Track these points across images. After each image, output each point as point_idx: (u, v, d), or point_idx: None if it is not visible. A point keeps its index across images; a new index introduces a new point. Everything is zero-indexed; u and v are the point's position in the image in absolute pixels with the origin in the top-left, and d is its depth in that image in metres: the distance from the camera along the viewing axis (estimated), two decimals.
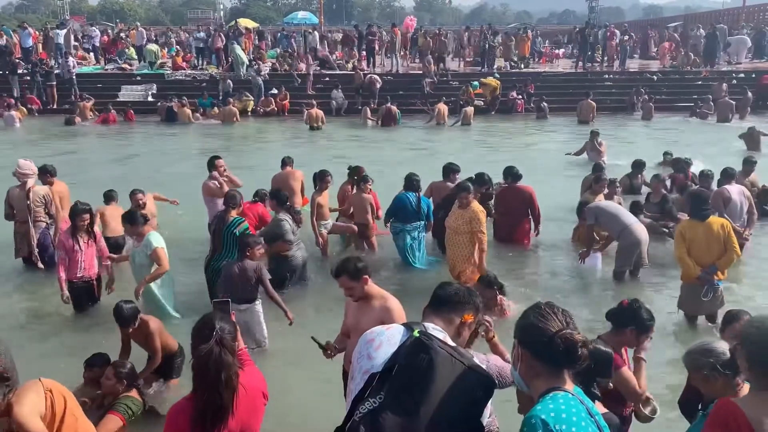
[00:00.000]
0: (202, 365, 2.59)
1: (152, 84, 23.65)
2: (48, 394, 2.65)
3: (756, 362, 2.32)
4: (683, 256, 5.94)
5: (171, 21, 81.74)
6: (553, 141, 17.31)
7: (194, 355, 2.64)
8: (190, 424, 2.61)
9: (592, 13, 30.72)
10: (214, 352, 2.58)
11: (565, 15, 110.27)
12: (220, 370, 2.58)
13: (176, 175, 12.74)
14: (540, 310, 2.06)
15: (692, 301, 6.11)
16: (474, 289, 2.67)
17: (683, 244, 5.94)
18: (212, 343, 2.60)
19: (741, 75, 24.59)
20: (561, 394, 1.96)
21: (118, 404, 4.30)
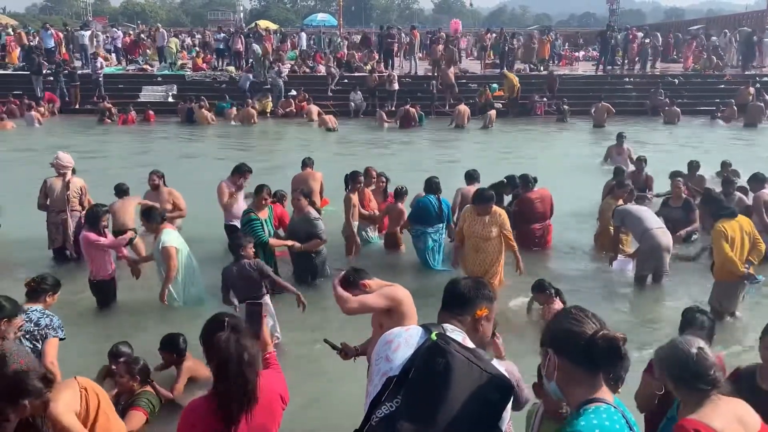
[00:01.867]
0: (223, 352, 2.58)
1: (173, 85, 23.87)
2: (83, 392, 2.70)
3: (676, 379, 2.55)
4: (729, 254, 5.97)
5: (191, 22, 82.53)
6: (574, 144, 17.19)
7: (211, 346, 2.63)
8: (212, 417, 2.59)
9: (613, 16, 30.48)
10: (231, 338, 2.60)
11: (585, 17, 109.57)
12: (241, 353, 2.59)
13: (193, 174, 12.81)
14: (572, 315, 2.02)
15: (730, 299, 6.22)
16: (484, 281, 2.62)
17: (726, 243, 5.98)
18: (227, 331, 2.63)
19: (765, 79, 24.26)
20: (603, 408, 1.92)
21: (138, 400, 4.34)
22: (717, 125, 20.33)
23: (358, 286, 3.95)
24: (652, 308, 6.87)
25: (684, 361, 2.55)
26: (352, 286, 3.96)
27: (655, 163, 11.37)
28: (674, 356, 2.58)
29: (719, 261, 6.13)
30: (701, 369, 2.50)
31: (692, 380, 2.51)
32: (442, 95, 22.45)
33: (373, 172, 9.14)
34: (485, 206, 6.64)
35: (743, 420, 2.48)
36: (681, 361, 2.56)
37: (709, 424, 2.36)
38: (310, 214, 7.29)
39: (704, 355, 2.55)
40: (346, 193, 8.19)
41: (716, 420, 2.39)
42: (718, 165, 10.99)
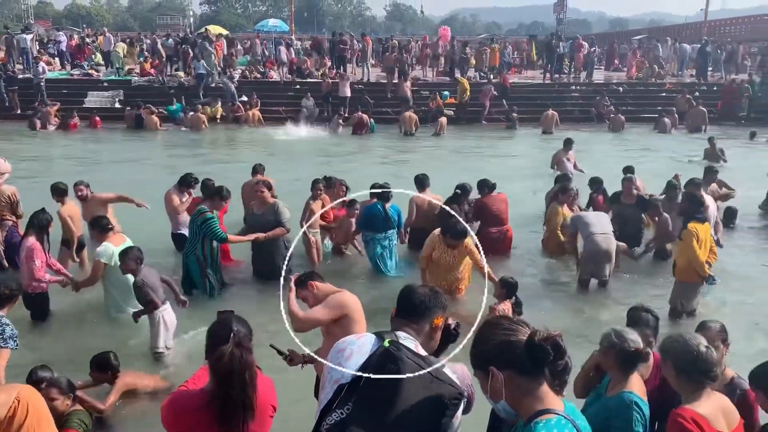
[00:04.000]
0: (226, 368, 2.58)
1: (119, 90, 23.32)
2: (15, 403, 2.63)
3: (681, 370, 2.80)
4: (700, 256, 6.19)
5: (140, 27, 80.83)
6: (520, 150, 17.52)
7: (214, 357, 2.62)
8: (205, 416, 2.60)
9: (559, 25, 31.20)
10: (235, 355, 2.60)
11: (533, 26, 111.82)
12: (244, 370, 2.60)
13: (139, 181, 12.53)
14: (503, 326, 2.00)
15: (690, 298, 6.45)
16: (439, 290, 2.65)
17: (698, 245, 6.19)
18: (231, 344, 2.62)
19: (703, 87, 25.23)
20: (554, 421, 1.90)
21: (70, 421, 4.19)
22: (661, 132, 21.00)
23: (307, 287, 4.03)
24: (599, 310, 7.00)
25: (694, 356, 2.78)
26: (302, 286, 4.05)
27: (603, 169, 11.66)
28: (684, 350, 2.80)
29: (685, 261, 6.30)
30: (708, 365, 2.75)
31: (698, 374, 2.75)
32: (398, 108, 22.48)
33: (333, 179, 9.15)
34: (457, 242, 6.53)
35: (727, 412, 2.75)
36: (691, 355, 2.78)
37: (700, 412, 2.65)
38: (277, 204, 7.35)
39: (710, 354, 2.80)
40: (307, 201, 8.14)
41: (704, 408, 2.68)
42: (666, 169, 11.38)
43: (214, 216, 6.97)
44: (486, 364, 1.97)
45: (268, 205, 7.36)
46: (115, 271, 6.12)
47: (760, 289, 7.57)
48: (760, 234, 9.79)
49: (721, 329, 3.52)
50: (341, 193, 8.87)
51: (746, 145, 18.44)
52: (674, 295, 6.54)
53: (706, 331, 3.51)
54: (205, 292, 7.09)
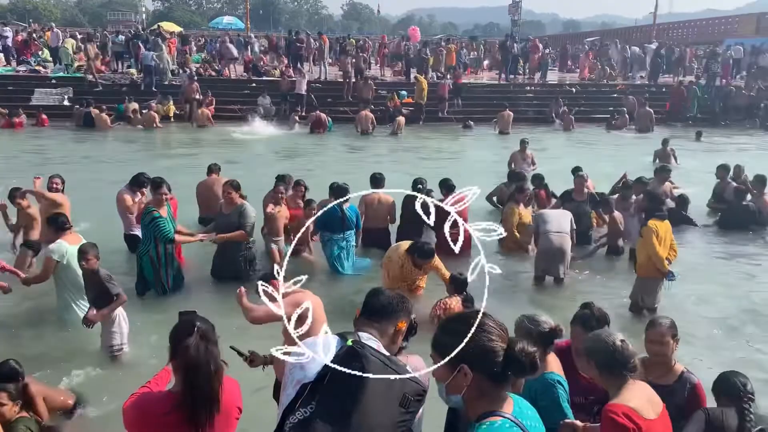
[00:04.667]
0: (192, 360, 2.57)
1: (68, 88, 22.63)
2: None
3: (603, 367, 2.88)
4: (660, 253, 6.32)
5: (89, 23, 78.65)
6: (478, 150, 17.71)
7: (180, 351, 2.60)
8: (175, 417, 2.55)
9: (514, 27, 31.67)
10: (201, 346, 2.59)
11: (489, 27, 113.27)
12: (209, 361, 2.59)
13: (90, 181, 12.21)
14: (485, 328, 1.99)
15: (651, 293, 6.54)
16: (405, 296, 2.68)
17: (657, 241, 6.32)
18: (196, 337, 2.61)
19: (653, 89, 25.95)
20: (498, 424, 1.93)
21: (16, 428, 4.06)
22: (615, 132, 21.51)
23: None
24: (552, 306, 6.99)
25: (611, 351, 2.84)
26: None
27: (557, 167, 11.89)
28: (602, 348, 2.88)
29: (645, 257, 6.44)
30: (626, 358, 2.83)
31: (618, 368, 2.82)
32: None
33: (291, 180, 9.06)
34: (425, 262, 6.50)
35: (651, 400, 2.84)
36: (608, 352, 2.85)
37: (630, 405, 2.72)
38: (244, 206, 7.27)
39: (626, 346, 2.87)
40: (267, 204, 8.02)
41: (632, 401, 2.75)
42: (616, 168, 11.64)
43: (160, 215, 6.82)
44: (459, 361, 1.97)
45: (234, 206, 7.27)
46: (68, 271, 5.98)
47: (714, 283, 7.83)
48: (709, 231, 10.11)
49: (671, 325, 3.60)
50: (299, 193, 8.81)
51: (693, 145, 19.03)
52: (635, 290, 6.68)
53: (657, 327, 3.59)
54: (159, 293, 6.97)
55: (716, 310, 7.05)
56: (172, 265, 7.04)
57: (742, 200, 10.10)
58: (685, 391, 3.50)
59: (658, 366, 3.59)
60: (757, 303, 7.27)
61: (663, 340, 3.54)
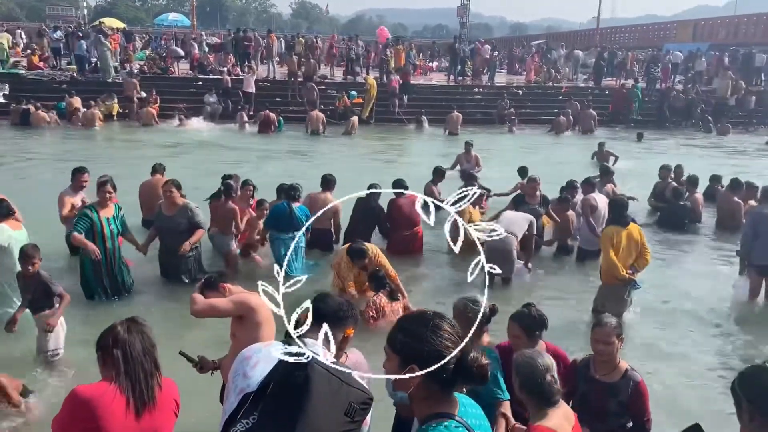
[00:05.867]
0: (124, 340, 2.58)
1: (4, 84, 21.68)
2: None
3: (525, 391, 2.92)
4: (613, 259, 6.24)
5: (27, 17, 75.75)
6: (427, 151, 17.82)
7: (113, 340, 2.59)
8: (117, 405, 2.51)
9: (462, 29, 32.00)
10: (131, 327, 2.62)
11: (438, 29, 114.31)
12: (142, 339, 2.62)
13: (28, 181, 11.76)
14: (440, 332, 1.95)
15: (615, 301, 6.35)
16: (353, 302, 2.66)
17: (611, 247, 6.27)
18: (123, 324, 2.63)
19: (596, 91, 26.64)
20: (444, 425, 1.92)
21: None
22: (556, 133, 21.96)
23: (218, 289, 3.93)
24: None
25: (538, 384, 2.89)
26: (212, 287, 3.94)
27: (504, 168, 12.05)
28: (530, 376, 2.91)
29: (605, 264, 6.45)
30: (550, 396, 2.89)
31: (541, 400, 2.89)
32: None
33: (238, 179, 8.97)
34: (357, 262, 6.59)
35: (566, 414, 2.90)
36: (535, 384, 2.90)
37: (549, 426, 2.79)
38: (189, 204, 7.13)
39: (553, 383, 2.93)
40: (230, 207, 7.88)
41: (552, 421, 2.82)
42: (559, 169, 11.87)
43: (88, 214, 6.58)
44: (411, 360, 1.93)
45: (179, 207, 7.08)
46: (8, 257, 5.89)
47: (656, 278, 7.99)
48: (650, 230, 10.40)
49: (617, 325, 3.68)
50: (248, 193, 8.68)
51: (634, 146, 19.62)
52: (597, 296, 6.64)
53: (602, 327, 3.66)
54: (102, 297, 6.74)
55: (660, 307, 7.25)
56: (113, 266, 6.79)
57: (680, 199, 10.44)
58: (629, 388, 3.59)
59: (603, 364, 3.68)
60: (695, 298, 7.54)
61: (608, 340, 3.62)
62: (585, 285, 7.66)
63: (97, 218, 6.57)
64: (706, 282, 8.14)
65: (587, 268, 8.30)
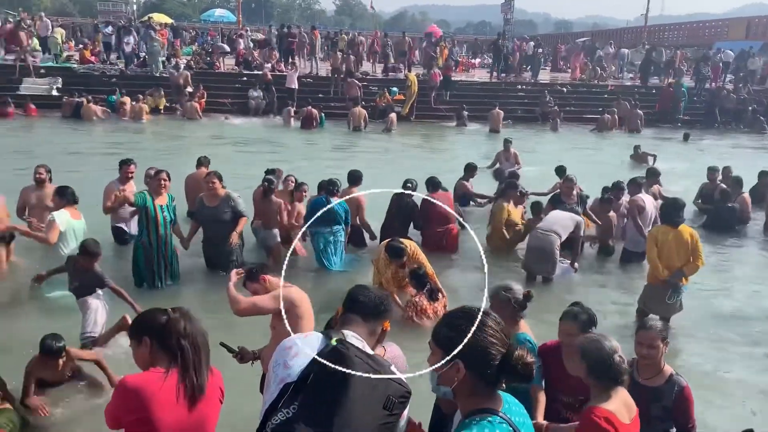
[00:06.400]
0: (183, 330, 2.54)
1: (57, 78, 22.39)
2: None
3: (592, 373, 2.99)
4: (654, 259, 6.11)
5: (80, 13, 77.91)
6: (467, 148, 17.70)
7: (168, 329, 2.54)
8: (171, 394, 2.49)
9: (506, 25, 31.64)
10: (186, 317, 2.58)
11: (481, 26, 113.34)
12: (197, 334, 2.58)
13: (79, 171, 12.08)
14: (487, 330, 1.97)
15: (656, 301, 6.22)
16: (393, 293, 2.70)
17: (655, 248, 6.12)
18: (175, 313, 2.58)
19: (642, 90, 26.05)
20: (488, 421, 1.93)
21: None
22: (601, 132, 21.58)
23: (259, 281, 3.97)
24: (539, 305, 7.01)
25: (607, 365, 2.96)
26: (253, 279, 3.98)
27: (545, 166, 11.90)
28: (598, 356, 2.98)
29: (649, 264, 6.35)
30: (619, 375, 2.96)
31: (608, 380, 2.95)
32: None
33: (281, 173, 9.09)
34: (395, 261, 6.57)
35: (628, 404, 2.95)
36: (604, 364, 2.96)
37: (610, 409, 2.86)
38: (231, 194, 7.26)
39: (622, 362, 2.98)
40: (270, 199, 7.94)
41: (612, 405, 2.89)
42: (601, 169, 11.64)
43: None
44: (456, 355, 1.96)
45: (221, 197, 7.20)
46: (61, 241, 6.27)
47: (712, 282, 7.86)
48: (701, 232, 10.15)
49: (662, 328, 3.60)
50: (289, 187, 8.77)
51: (680, 147, 19.16)
52: (641, 295, 6.51)
53: (647, 330, 3.59)
54: (151, 286, 6.90)
55: (712, 311, 7.07)
56: (165, 253, 6.95)
57: (727, 201, 10.16)
58: (673, 393, 3.51)
59: (647, 368, 3.60)
60: (746, 304, 7.33)
61: (653, 343, 3.53)
62: (629, 287, 7.53)
63: (152, 205, 6.74)
64: (759, 287, 7.90)
65: (632, 270, 8.15)
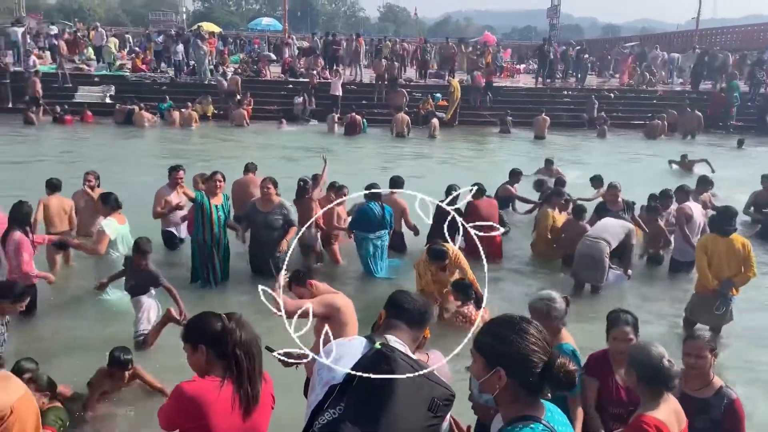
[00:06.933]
0: (241, 341, 2.60)
1: (110, 86, 23.18)
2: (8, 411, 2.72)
3: (642, 380, 3.00)
4: (704, 267, 5.97)
5: (131, 22, 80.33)
6: (511, 154, 17.57)
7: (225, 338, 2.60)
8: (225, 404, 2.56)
9: (552, 30, 31.35)
10: (244, 326, 2.64)
11: (526, 31, 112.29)
12: (255, 341, 2.66)
13: (130, 176, 12.45)
14: (527, 336, 1.97)
15: (704, 311, 6.10)
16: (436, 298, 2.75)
17: (705, 256, 5.98)
18: (232, 322, 2.64)
19: (693, 95, 25.40)
20: (530, 428, 1.93)
21: (45, 418, 4.16)
22: (650, 138, 21.11)
23: (305, 285, 4.03)
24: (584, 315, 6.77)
25: (657, 369, 2.96)
26: (300, 283, 4.04)
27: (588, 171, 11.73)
28: (648, 363, 2.99)
29: (698, 272, 6.21)
30: (669, 379, 2.96)
31: (658, 385, 2.96)
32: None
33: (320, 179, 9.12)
34: (435, 264, 6.53)
35: (678, 414, 2.95)
36: (654, 369, 2.96)
37: (660, 418, 2.87)
38: (285, 202, 7.41)
39: (672, 366, 2.98)
40: (306, 199, 8.03)
41: (662, 413, 2.89)
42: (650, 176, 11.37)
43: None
44: (497, 363, 1.98)
45: (275, 204, 7.35)
46: (111, 249, 6.44)
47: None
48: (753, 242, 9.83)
49: (710, 338, 3.54)
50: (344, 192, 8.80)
51: (733, 153, 18.61)
52: (688, 304, 6.38)
53: (695, 340, 3.53)
54: (205, 283, 7.14)
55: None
56: (219, 252, 7.19)
57: None
58: (722, 406, 3.43)
59: (694, 379, 3.53)
60: None
61: (700, 353, 3.47)
62: (677, 297, 7.34)
63: (208, 204, 7.01)
64: None
65: (680, 280, 7.96)
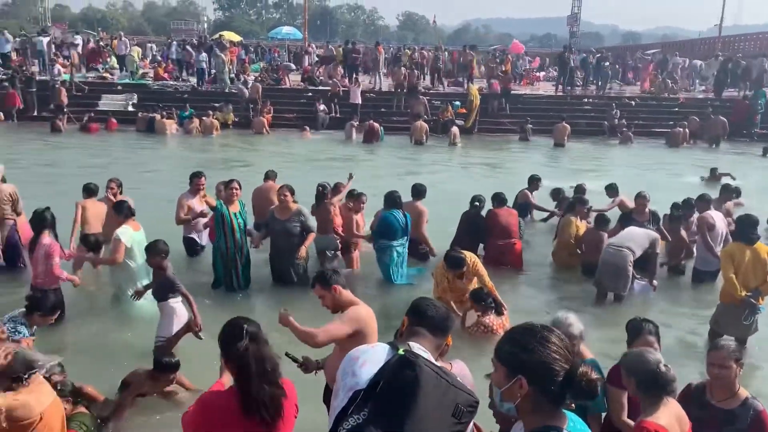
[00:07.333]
0: (243, 362, 2.72)
1: (133, 94, 23.52)
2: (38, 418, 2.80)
3: (641, 386, 3.06)
4: (731, 277, 5.85)
5: (154, 31, 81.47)
6: (531, 163, 17.49)
7: (232, 356, 2.75)
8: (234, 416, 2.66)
9: (572, 38, 31.23)
10: (250, 348, 2.73)
11: (546, 38, 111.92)
12: (262, 360, 2.73)
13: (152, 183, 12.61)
14: (548, 345, 1.96)
15: (731, 322, 5.97)
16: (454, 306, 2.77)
17: (731, 266, 5.87)
18: (246, 339, 2.75)
19: (716, 103, 25.10)
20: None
21: (71, 423, 4.19)
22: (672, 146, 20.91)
23: (330, 289, 3.97)
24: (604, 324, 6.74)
25: (654, 374, 3.00)
26: (325, 285, 3.98)
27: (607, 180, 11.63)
28: (644, 369, 3.03)
29: (724, 282, 6.11)
30: (667, 383, 3.00)
31: (657, 390, 2.99)
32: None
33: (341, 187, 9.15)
34: (452, 271, 6.53)
35: (680, 419, 2.96)
36: (651, 374, 3.00)
37: (661, 423, 2.88)
38: (302, 209, 7.45)
39: (668, 371, 3.01)
40: (324, 205, 8.05)
41: (663, 419, 2.90)
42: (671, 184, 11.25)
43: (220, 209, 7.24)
44: (518, 371, 1.97)
45: (292, 211, 7.38)
46: (126, 256, 6.44)
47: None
48: None
49: (735, 349, 3.48)
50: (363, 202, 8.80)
51: (758, 162, 18.37)
52: (713, 315, 6.26)
53: (719, 350, 3.48)
54: (227, 289, 7.24)
55: None
56: (241, 258, 7.27)
57: None
58: (748, 417, 3.38)
59: (720, 389, 3.49)
60: None
61: (725, 363, 3.42)
62: (700, 307, 7.24)
63: (227, 213, 7.11)
64: None
65: (703, 290, 7.85)
